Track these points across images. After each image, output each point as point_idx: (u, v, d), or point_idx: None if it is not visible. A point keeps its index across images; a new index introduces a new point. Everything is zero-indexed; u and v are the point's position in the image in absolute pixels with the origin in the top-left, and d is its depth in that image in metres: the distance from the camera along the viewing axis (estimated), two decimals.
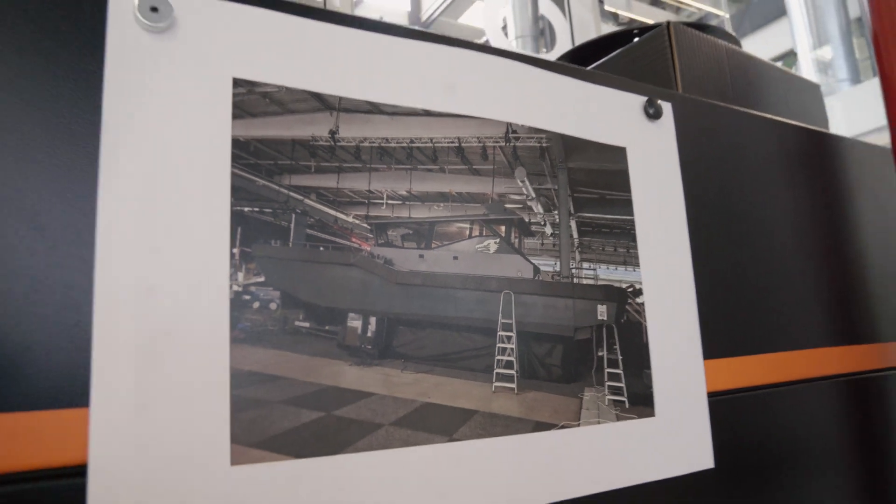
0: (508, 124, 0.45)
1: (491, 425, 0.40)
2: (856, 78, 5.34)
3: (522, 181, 0.45)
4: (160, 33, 0.35)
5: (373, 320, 0.38)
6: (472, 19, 9.92)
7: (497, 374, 0.41)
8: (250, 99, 0.37)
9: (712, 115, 0.61)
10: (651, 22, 0.95)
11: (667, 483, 0.49)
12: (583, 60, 0.90)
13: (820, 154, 0.71)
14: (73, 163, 0.32)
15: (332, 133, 0.39)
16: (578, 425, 0.44)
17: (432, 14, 10.21)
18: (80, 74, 0.33)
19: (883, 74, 0.69)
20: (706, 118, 0.60)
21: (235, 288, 0.34)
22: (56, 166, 0.32)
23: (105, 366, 0.31)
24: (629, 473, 0.46)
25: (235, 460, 0.32)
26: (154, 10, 0.35)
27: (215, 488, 0.32)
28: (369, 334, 0.37)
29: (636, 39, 0.84)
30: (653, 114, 0.54)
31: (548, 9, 2.60)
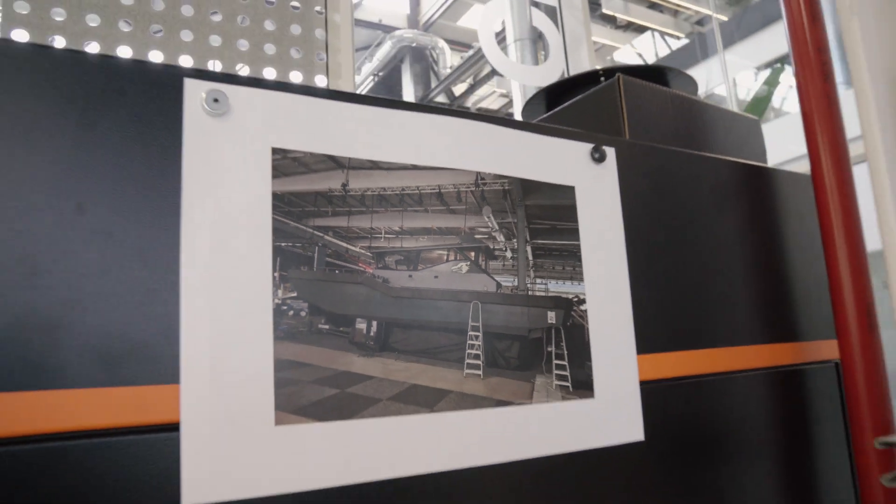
0: (478, 173, 0.59)
1: (462, 402, 0.54)
2: (851, 81, 5.45)
3: (488, 217, 0.58)
4: (219, 117, 0.49)
5: (374, 323, 0.52)
6: (471, 21, 10.01)
7: (467, 363, 0.55)
8: (284, 162, 0.51)
9: (651, 155, 0.74)
10: (645, 22, 1.08)
11: (605, 451, 0.63)
12: (556, 96, 1.04)
13: (749, 183, 0.85)
14: (162, 214, 0.46)
15: (344, 185, 0.53)
16: (531, 403, 0.58)
17: (431, 16, 10.32)
18: (164, 147, 0.47)
19: (803, 111, 0.83)
20: (646, 158, 0.74)
21: (276, 301, 0.48)
22: (150, 216, 0.46)
23: (189, 356, 0.44)
24: (572, 442, 0.60)
25: (278, 422, 0.46)
26: (216, 101, 0.49)
27: (264, 441, 0.46)
28: (372, 333, 0.51)
29: (602, 79, 0.98)
30: (598, 158, 0.68)
31: (541, 21, 2.73)
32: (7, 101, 0.43)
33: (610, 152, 0.69)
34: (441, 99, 10.85)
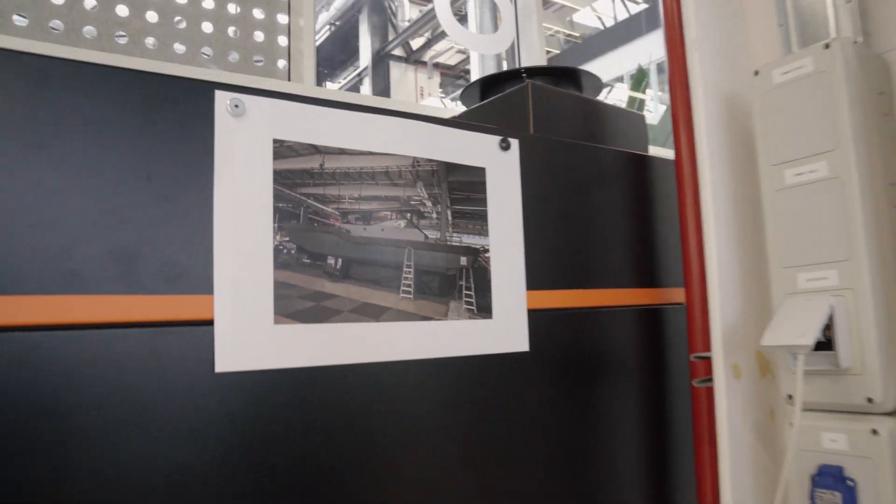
0: (414, 158, 0.83)
1: (398, 316, 0.80)
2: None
3: (420, 189, 0.83)
4: (238, 117, 0.72)
5: (339, 260, 0.76)
6: None
7: (402, 290, 0.80)
8: (281, 149, 0.74)
9: (548, 145, 1.00)
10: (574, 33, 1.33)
11: (500, 355, 0.90)
12: (487, 86, 1.29)
13: (628, 167, 1.11)
14: (201, 183, 0.70)
15: (321, 165, 0.77)
16: (446, 320, 0.84)
17: None
18: (202, 137, 0.70)
19: (672, 113, 1.09)
20: (544, 147, 0.99)
21: (275, 242, 0.72)
22: (194, 184, 0.69)
23: (220, 278, 0.68)
24: (475, 348, 0.87)
25: (276, 322, 0.71)
26: (236, 106, 0.72)
27: (266, 334, 0.70)
28: (338, 266, 0.76)
29: (524, 75, 1.23)
30: (504, 147, 0.93)
31: None
32: (108, 107, 0.65)
33: (514, 143, 0.94)
34: (398, 52, 10.88)
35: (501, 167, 0.92)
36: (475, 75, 5.94)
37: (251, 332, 0.69)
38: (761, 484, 0.93)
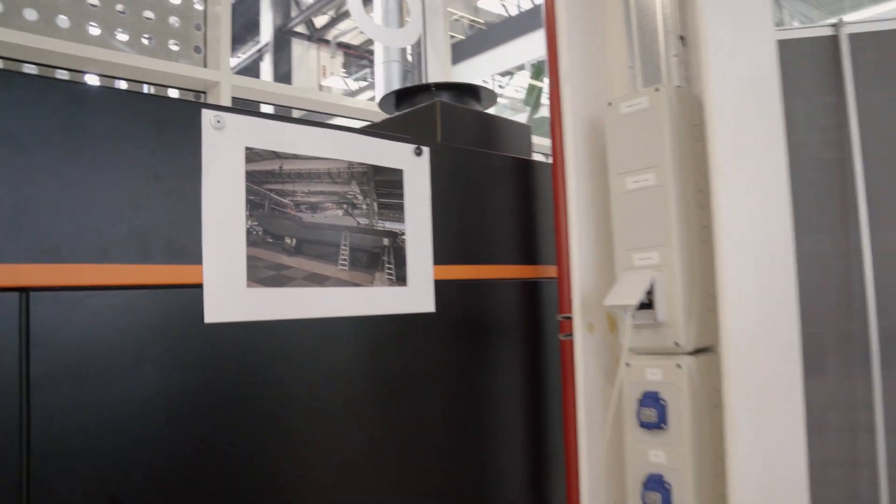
0: (349, 161, 1.08)
1: (337, 282, 1.05)
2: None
3: (354, 186, 1.09)
4: (220, 130, 0.95)
5: (294, 239, 1.01)
6: None
7: (340, 263, 1.06)
8: (251, 154, 0.97)
9: (453, 151, 1.27)
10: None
11: (412, 315, 1.16)
12: (401, 97, 1.54)
13: (515, 170, 1.40)
14: (193, 179, 0.92)
15: (280, 167, 1.00)
16: (372, 286, 1.10)
17: None
18: (194, 144, 0.92)
19: (551, 125, 1.38)
20: (449, 153, 1.26)
21: (247, 226, 0.96)
22: (189, 181, 0.91)
23: (207, 253, 0.91)
24: (395, 307, 1.13)
25: (248, 286, 0.95)
26: (218, 121, 0.95)
27: (241, 295, 0.94)
28: (293, 245, 1.00)
29: (433, 88, 1.49)
30: (418, 153, 1.19)
31: None
32: (126, 123, 0.87)
33: (426, 150, 1.21)
34: (301, 29, 10.82)
35: (415, 169, 1.18)
36: (379, 59, 6.14)
37: (230, 293, 0.93)
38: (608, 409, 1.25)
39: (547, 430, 1.42)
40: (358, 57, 11.68)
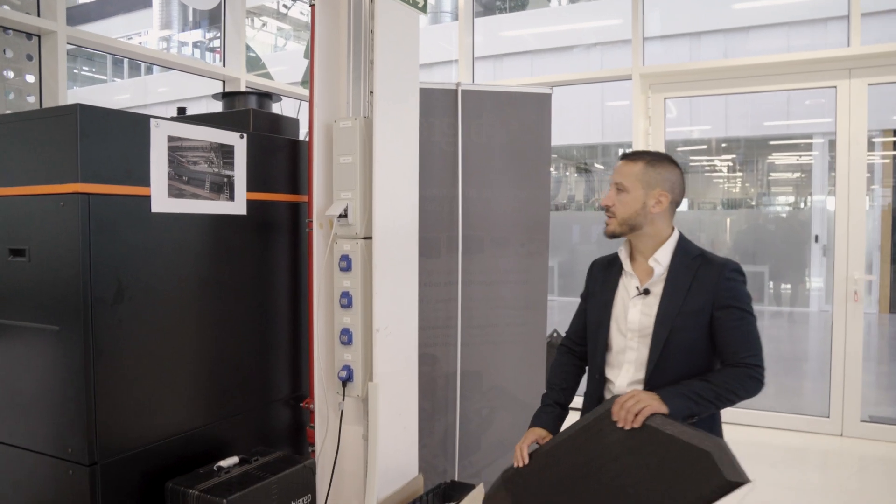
0: (210, 142, 2.34)
1: (202, 197, 2.31)
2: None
3: (211, 153, 2.34)
4: (157, 128, 2.16)
5: (187, 177, 2.25)
6: None
7: (206, 189, 2.32)
8: (170, 138, 2.20)
9: (257, 137, 2.55)
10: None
11: (234, 216, 2.45)
12: (229, 95, 2.77)
13: (289, 147, 2.72)
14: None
15: (181, 144, 2.24)
16: (218, 200, 2.37)
17: None
18: (145, 141, 2.13)
19: (309, 125, 2.71)
20: (257, 139, 2.54)
21: (168, 170, 2.19)
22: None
23: (155, 177, 2.14)
24: (226, 210, 2.42)
25: (168, 198, 2.19)
26: (157, 126, 2.15)
27: (166, 202, 2.18)
28: (186, 180, 2.25)
29: (249, 93, 2.75)
30: (241, 137, 2.46)
31: None
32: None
33: (245, 136, 2.48)
34: None
35: (241, 147, 2.46)
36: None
37: (162, 201, 2.16)
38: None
39: (301, 298, 2.80)
40: None
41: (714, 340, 1.71)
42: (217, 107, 3.02)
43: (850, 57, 4.35)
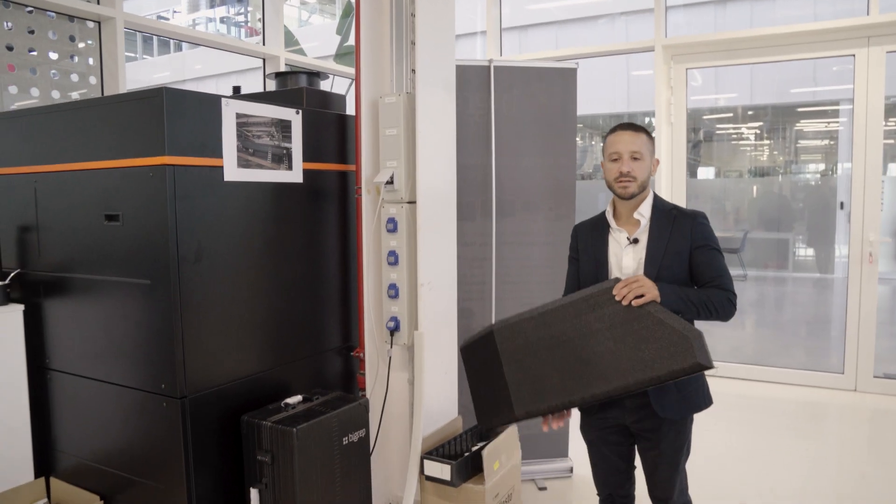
0: (272, 118, 2.62)
1: (266, 167, 2.61)
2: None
3: (272, 128, 2.63)
4: (227, 106, 2.45)
5: (252, 150, 2.54)
6: None
7: (269, 159, 2.61)
8: (238, 115, 2.48)
9: (311, 114, 2.83)
10: None
11: (294, 183, 2.74)
12: (284, 74, 3.05)
13: (340, 122, 2.99)
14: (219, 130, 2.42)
15: (247, 120, 2.53)
16: (279, 170, 2.66)
17: None
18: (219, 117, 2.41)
19: (356, 101, 2.98)
20: (311, 115, 2.81)
21: (237, 144, 2.48)
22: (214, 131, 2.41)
23: (227, 151, 2.43)
24: (286, 178, 2.71)
25: (237, 168, 2.48)
26: (227, 105, 2.44)
27: (237, 171, 2.48)
28: (251, 152, 2.54)
29: (304, 73, 3.02)
30: (297, 113, 2.74)
31: None
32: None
33: (300, 112, 2.76)
34: None
35: (297, 122, 2.74)
36: None
37: (233, 170, 2.45)
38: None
39: (350, 257, 3.09)
40: None
41: (693, 274, 2.02)
42: (255, 83, 3.30)
43: (868, 25, 4.49)
